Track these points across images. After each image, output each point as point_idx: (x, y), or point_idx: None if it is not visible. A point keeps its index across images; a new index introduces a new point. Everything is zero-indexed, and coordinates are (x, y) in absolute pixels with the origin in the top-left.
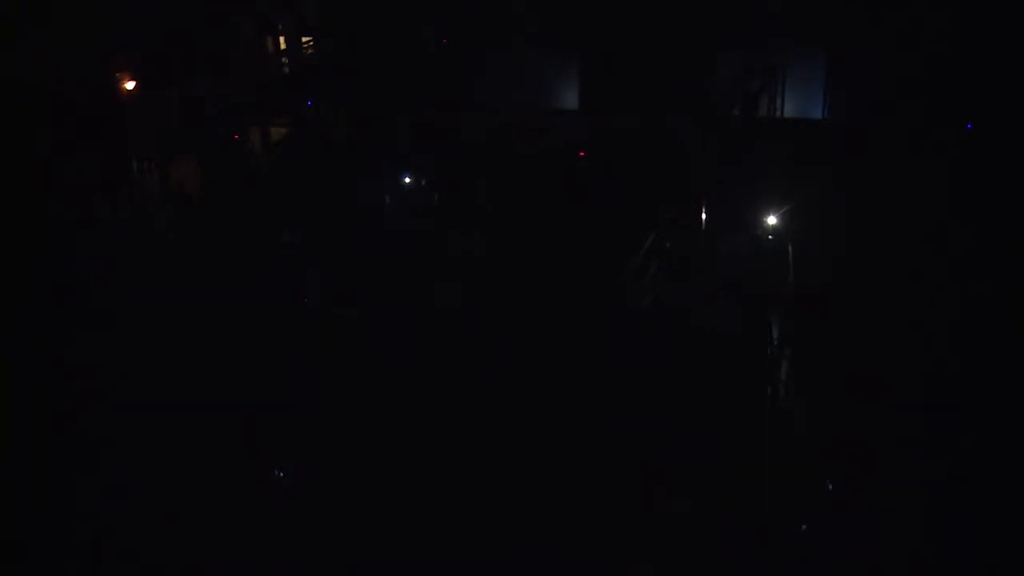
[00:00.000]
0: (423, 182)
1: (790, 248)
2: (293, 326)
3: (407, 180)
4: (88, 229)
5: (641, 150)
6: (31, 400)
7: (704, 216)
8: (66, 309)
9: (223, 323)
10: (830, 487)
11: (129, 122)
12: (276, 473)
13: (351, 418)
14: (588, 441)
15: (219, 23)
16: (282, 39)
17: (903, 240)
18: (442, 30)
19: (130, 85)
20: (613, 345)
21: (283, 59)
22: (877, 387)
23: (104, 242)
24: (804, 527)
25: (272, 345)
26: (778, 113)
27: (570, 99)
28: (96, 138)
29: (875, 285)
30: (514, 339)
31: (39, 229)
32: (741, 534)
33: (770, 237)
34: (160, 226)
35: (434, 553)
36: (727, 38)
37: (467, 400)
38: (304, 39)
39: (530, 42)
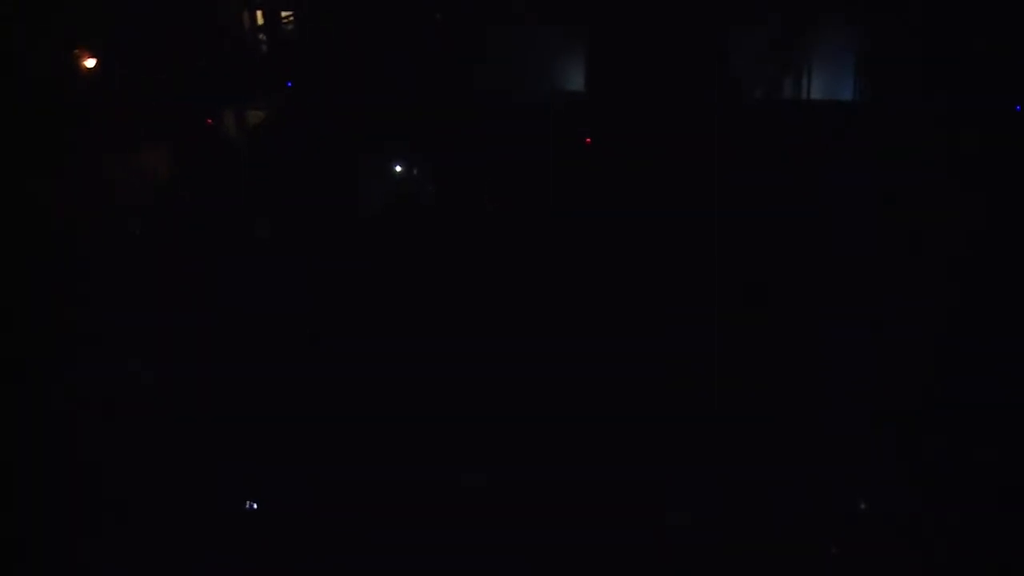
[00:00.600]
0: (414, 171)
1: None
2: (277, 328)
3: (398, 169)
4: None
5: (652, 137)
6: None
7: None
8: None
9: (204, 324)
10: (863, 506)
11: (89, 106)
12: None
13: (344, 420)
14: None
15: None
16: (259, 13)
17: (938, 236)
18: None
19: (90, 63)
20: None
21: (260, 35)
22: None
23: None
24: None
25: (258, 346)
26: (804, 95)
27: (575, 81)
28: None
29: (905, 283)
30: (514, 338)
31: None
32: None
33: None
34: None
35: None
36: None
37: (465, 402)
38: (284, 13)
39: (529, 33)
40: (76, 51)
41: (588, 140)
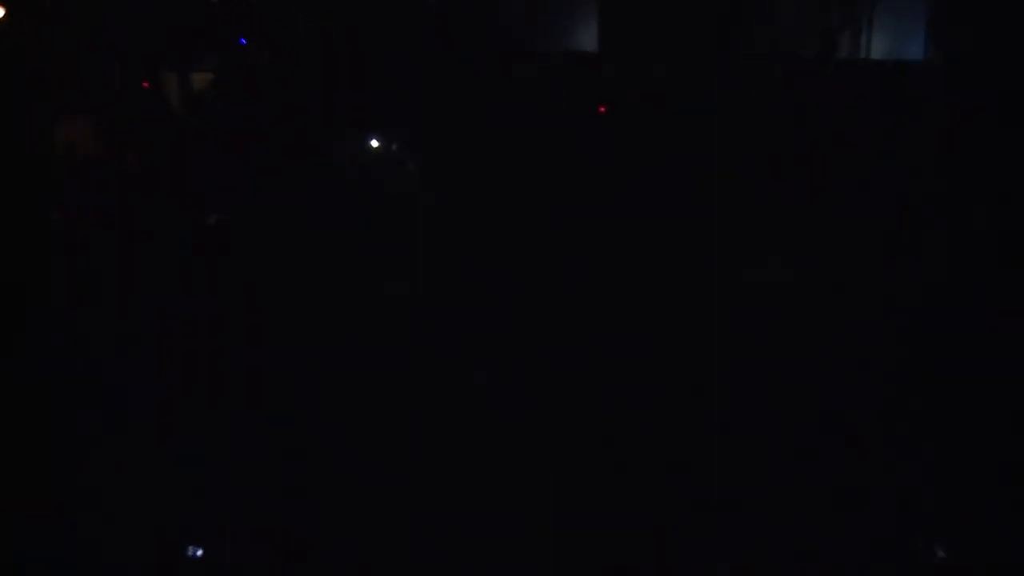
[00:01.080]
0: (393, 146)
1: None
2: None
3: (374, 144)
4: None
5: (677, 105)
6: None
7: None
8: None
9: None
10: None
11: None
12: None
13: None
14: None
15: None
16: None
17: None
18: None
19: None
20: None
21: None
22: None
23: None
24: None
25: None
26: (863, 54)
27: (587, 41)
28: None
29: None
30: (515, 338)
31: None
32: None
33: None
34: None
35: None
36: None
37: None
38: None
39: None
40: None
41: (602, 109)
